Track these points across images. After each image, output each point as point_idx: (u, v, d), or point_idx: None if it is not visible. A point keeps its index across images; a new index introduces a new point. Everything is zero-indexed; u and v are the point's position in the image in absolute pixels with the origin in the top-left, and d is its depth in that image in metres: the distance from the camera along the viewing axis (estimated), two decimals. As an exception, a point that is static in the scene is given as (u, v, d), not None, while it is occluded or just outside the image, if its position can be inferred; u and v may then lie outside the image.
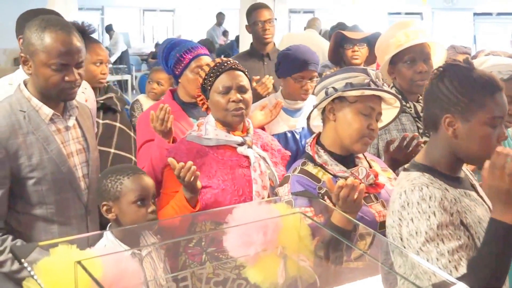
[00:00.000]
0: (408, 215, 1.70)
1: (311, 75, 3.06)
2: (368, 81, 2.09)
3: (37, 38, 2.05)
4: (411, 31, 2.70)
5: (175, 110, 2.69)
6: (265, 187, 2.31)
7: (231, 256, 1.80)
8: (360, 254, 1.88)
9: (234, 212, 1.78)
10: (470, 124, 1.75)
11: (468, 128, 1.76)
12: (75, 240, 1.51)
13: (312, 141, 2.19)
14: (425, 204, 1.68)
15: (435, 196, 1.70)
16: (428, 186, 1.72)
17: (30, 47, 2.07)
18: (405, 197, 1.72)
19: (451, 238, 1.65)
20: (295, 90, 3.08)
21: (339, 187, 1.90)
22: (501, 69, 2.34)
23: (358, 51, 3.97)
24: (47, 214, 2.14)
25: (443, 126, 1.79)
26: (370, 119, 2.10)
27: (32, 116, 2.11)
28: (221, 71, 2.34)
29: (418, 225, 1.67)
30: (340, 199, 1.90)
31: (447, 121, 1.78)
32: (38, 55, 2.06)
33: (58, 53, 2.05)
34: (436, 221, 1.66)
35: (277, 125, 3.06)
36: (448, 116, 1.77)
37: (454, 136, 1.78)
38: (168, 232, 2.33)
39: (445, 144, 1.81)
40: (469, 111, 1.75)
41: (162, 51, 2.89)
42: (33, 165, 2.08)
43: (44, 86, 2.10)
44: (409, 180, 1.77)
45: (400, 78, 2.71)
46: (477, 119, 1.75)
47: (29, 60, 2.09)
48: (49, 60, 2.05)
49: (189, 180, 2.11)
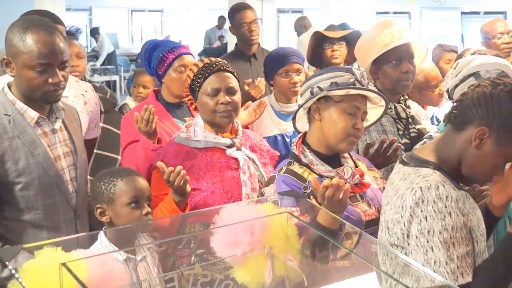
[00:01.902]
0: (421, 213, 1.66)
1: (296, 67, 3.09)
2: (353, 80, 2.09)
3: (19, 39, 2.02)
4: (396, 30, 2.69)
5: (159, 110, 2.69)
6: (254, 189, 2.31)
7: (220, 257, 1.80)
8: (347, 253, 1.89)
9: (221, 212, 1.78)
10: (496, 148, 1.74)
11: (492, 150, 1.74)
12: (63, 243, 1.51)
13: (298, 141, 2.19)
14: (442, 204, 1.65)
15: (451, 196, 1.68)
16: (444, 185, 1.70)
17: (12, 48, 2.03)
18: (420, 193, 1.68)
19: (461, 243, 1.64)
20: (284, 86, 3.09)
21: (324, 187, 1.90)
22: (488, 68, 2.34)
23: (337, 50, 3.90)
24: (35, 219, 2.10)
25: (472, 134, 1.75)
26: (356, 119, 2.10)
27: (17, 119, 2.08)
28: (210, 72, 2.33)
29: (432, 224, 1.64)
30: (326, 199, 1.90)
31: (480, 132, 1.74)
32: (20, 56, 2.02)
33: (40, 54, 2.01)
34: (451, 222, 1.64)
35: (268, 128, 3.06)
36: (485, 129, 1.73)
37: (477, 148, 1.75)
38: (159, 234, 2.32)
39: (462, 148, 1.79)
40: (506, 139, 1.73)
41: (144, 52, 2.89)
42: (19, 170, 2.05)
43: (27, 88, 2.06)
44: (421, 176, 1.74)
45: (385, 78, 2.70)
46: (505, 148, 1.74)
47: (11, 62, 2.06)
48: (31, 61, 2.01)
49: (178, 184, 2.10)
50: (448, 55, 4.34)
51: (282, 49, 3.26)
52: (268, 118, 3.06)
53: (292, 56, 3.10)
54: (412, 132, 2.69)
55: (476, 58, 2.43)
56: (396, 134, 2.67)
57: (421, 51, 2.83)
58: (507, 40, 4.28)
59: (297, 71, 3.09)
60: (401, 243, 1.72)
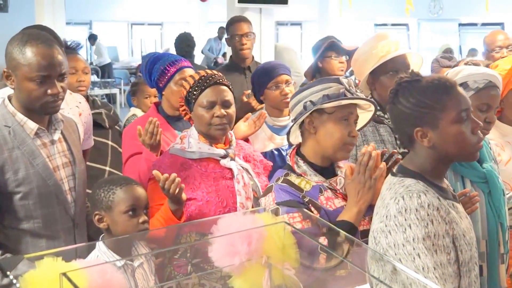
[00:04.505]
0: (405, 221, 1.69)
1: (285, 79, 3.12)
2: (343, 90, 2.12)
3: (18, 52, 2.06)
4: (392, 42, 2.72)
5: (160, 123, 2.71)
6: (249, 198, 2.33)
7: (217, 267, 1.81)
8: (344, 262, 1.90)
9: (218, 222, 1.79)
10: (440, 129, 1.78)
11: (439, 133, 1.79)
12: (63, 252, 1.52)
13: (292, 152, 2.22)
14: (424, 212, 1.68)
15: (433, 204, 1.71)
16: (426, 193, 1.73)
17: (12, 61, 2.08)
18: (403, 202, 1.71)
19: (442, 251, 1.67)
20: (276, 99, 3.12)
21: (361, 153, 2.03)
22: (476, 78, 2.37)
23: (344, 62, 3.87)
24: (34, 228, 2.13)
25: (418, 140, 1.82)
26: (350, 126, 2.14)
27: (17, 131, 2.11)
28: (206, 85, 2.35)
29: (416, 232, 1.67)
30: (361, 165, 2.02)
31: (419, 134, 1.80)
32: (20, 69, 2.06)
33: (39, 66, 2.05)
34: (433, 229, 1.67)
35: (263, 143, 3.07)
36: (418, 129, 1.80)
37: (430, 146, 1.81)
38: (155, 244, 2.34)
39: (426, 155, 1.83)
40: (434, 118, 1.78)
41: (145, 64, 2.92)
42: (19, 180, 2.08)
43: (27, 100, 2.10)
44: (405, 186, 1.78)
45: (382, 89, 2.72)
46: (444, 122, 1.78)
47: (11, 74, 2.10)
48: (30, 73, 2.05)
49: (173, 192, 2.13)
50: (445, 70, 4.37)
51: (268, 63, 3.31)
52: (263, 133, 3.08)
53: (280, 68, 3.15)
54: (410, 142, 2.71)
55: (464, 69, 2.45)
56: (394, 144, 2.69)
57: (415, 62, 2.86)
58: (505, 55, 4.30)
59: (286, 82, 3.12)
60: (385, 252, 1.74)
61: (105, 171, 3.29)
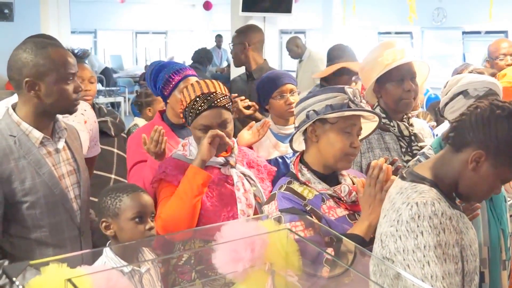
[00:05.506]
0: (418, 228, 1.68)
1: (290, 88, 3.13)
2: (347, 101, 2.11)
3: (44, 57, 2.07)
4: (397, 50, 2.72)
5: (165, 131, 2.72)
6: (250, 205, 2.33)
7: (220, 273, 1.82)
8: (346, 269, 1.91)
9: (222, 229, 1.80)
10: (493, 171, 1.76)
11: (489, 172, 1.76)
12: (68, 259, 1.53)
13: (295, 160, 2.23)
14: (437, 220, 1.68)
15: (446, 213, 1.70)
16: (440, 202, 1.72)
17: (39, 68, 2.07)
18: (416, 209, 1.70)
19: (451, 260, 1.67)
20: (281, 108, 3.12)
21: (371, 167, 2.03)
22: (477, 86, 2.38)
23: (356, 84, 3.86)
24: (41, 237, 2.14)
25: (469, 157, 1.77)
26: (352, 137, 2.14)
27: (22, 140, 2.12)
28: (201, 110, 2.33)
29: (428, 239, 1.66)
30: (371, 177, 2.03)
31: (477, 155, 1.76)
32: (50, 74, 2.08)
33: (69, 66, 2.13)
34: (445, 238, 1.67)
35: (268, 151, 3.08)
36: (482, 153, 1.75)
37: (473, 170, 1.78)
38: (160, 250, 2.36)
39: (458, 170, 1.81)
40: (502, 163, 1.76)
41: (150, 73, 2.93)
42: (26, 189, 2.09)
43: (60, 102, 2.13)
44: (418, 192, 1.77)
45: (388, 97, 2.73)
46: (501, 172, 1.77)
47: (37, 82, 2.09)
48: (65, 74, 2.11)
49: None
50: None
51: (273, 73, 3.30)
52: (268, 141, 3.09)
53: (285, 78, 3.15)
54: (415, 150, 2.71)
55: (465, 77, 2.46)
56: (399, 151, 2.70)
57: (423, 71, 2.87)
58: (509, 62, 4.32)
59: (291, 92, 3.13)
60: (392, 257, 1.74)
61: (110, 179, 3.31)
